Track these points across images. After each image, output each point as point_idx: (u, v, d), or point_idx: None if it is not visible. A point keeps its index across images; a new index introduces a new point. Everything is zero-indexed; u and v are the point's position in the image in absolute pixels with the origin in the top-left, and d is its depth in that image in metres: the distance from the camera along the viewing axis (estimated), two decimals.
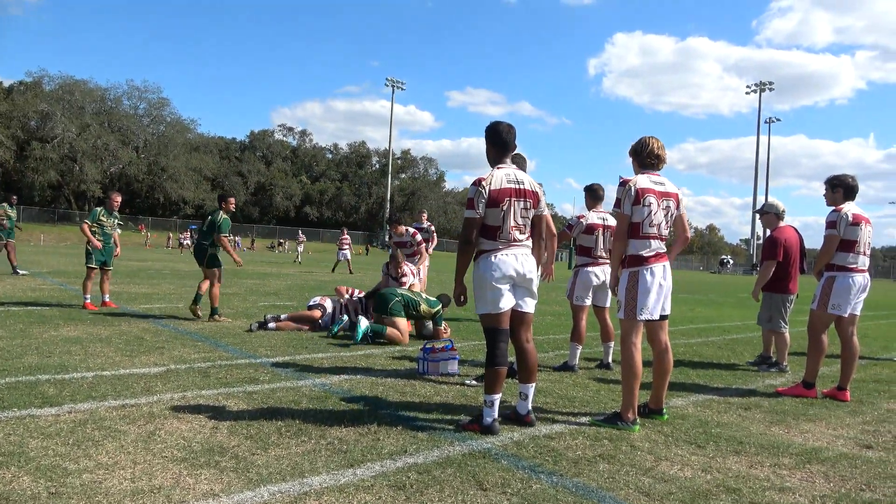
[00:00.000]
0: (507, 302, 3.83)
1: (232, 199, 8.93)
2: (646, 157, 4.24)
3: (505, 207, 3.83)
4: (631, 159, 4.38)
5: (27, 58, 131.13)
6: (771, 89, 70.33)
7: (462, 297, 3.93)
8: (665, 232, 4.22)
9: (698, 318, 11.93)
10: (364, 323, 6.82)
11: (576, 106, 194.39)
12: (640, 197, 4.08)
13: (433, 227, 12.38)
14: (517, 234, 3.89)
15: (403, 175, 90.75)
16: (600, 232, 5.96)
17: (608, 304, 6.16)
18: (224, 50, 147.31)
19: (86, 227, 9.28)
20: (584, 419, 4.21)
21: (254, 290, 13.23)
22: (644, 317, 4.09)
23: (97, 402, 4.04)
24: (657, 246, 4.14)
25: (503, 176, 3.89)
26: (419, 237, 9.43)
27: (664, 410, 4.36)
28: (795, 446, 3.83)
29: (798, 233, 6.70)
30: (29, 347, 5.72)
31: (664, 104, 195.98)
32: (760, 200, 69.80)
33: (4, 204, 14.90)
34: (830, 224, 5.23)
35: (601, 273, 5.95)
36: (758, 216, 6.82)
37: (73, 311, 8.38)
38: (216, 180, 74.57)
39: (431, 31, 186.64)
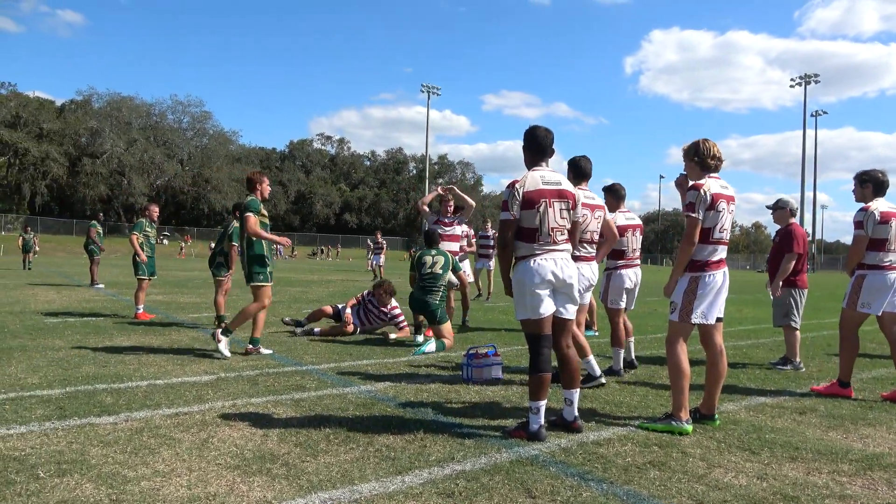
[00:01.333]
0: (547, 307, 3.78)
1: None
2: (710, 159, 4.17)
3: (541, 209, 3.77)
4: (686, 162, 4.28)
5: (77, 77, 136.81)
6: (816, 81, 68.04)
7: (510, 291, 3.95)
8: (728, 236, 4.19)
9: (747, 319, 11.62)
10: (431, 346, 6.86)
11: (613, 105, 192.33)
12: (714, 202, 4.03)
13: (495, 234, 12.75)
14: (557, 237, 3.84)
15: (441, 180, 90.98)
16: (630, 233, 5.90)
17: (632, 307, 6.19)
18: (263, 63, 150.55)
19: (135, 238, 9.60)
20: (632, 425, 4.15)
21: (298, 298, 13.45)
22: (697, 320, 4.05)
23: (152, 410, 4.16)
24: (721, 251, 4.13)
25: (538, 177, 3.84)
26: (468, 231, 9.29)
27: (716, 416, 4.26)
28: (855, 452, 3.70)
29: (805, 231, 6.69)
30: (86, 357, 5.93)
31: (704, 100, 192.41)
32: (808, 196, 67.75)
33: (94, 222, 15.70)
34: (858, 224, 5.15)
35: (633, 275, 5.92)
36: (770, 211, 6.76)
37: (126, 322, 8.66)
38: None
39: (465, 35, 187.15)
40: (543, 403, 3.77)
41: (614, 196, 6.01)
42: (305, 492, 2.88)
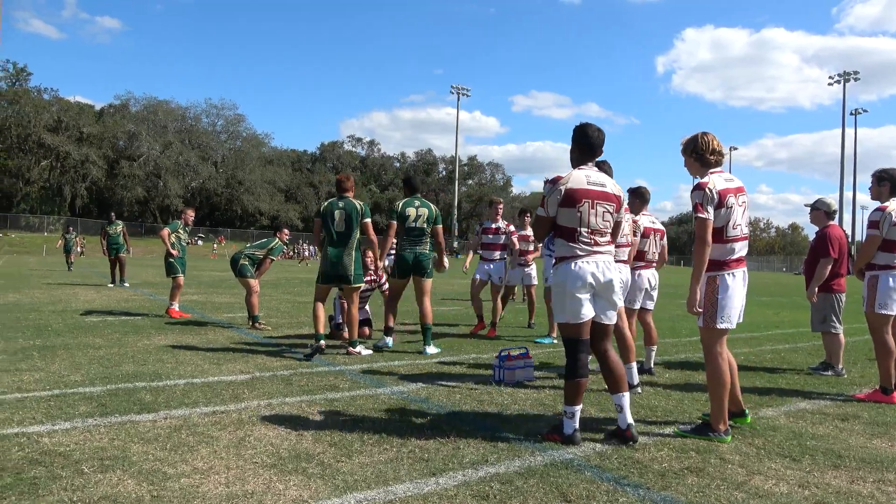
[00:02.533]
0: (587, 311, 3.71)
1: (286, 231, 9.70)
2: (709, 154, 4.01)
3: (583, 209, 3.70)
4: (685, 158, 4.14)
5: (115, 82, 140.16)
6: (856, 79, 66.46)
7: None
8: (746, 230, 4.03)
9: (784, 323, 11.37)
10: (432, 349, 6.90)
11: (644, 105, 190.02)
12: (722, 199, 3.89)
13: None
14: (598, 239, 3.75)
15: (470, 181, 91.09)
16: (652, 236, 5.90)
17: (652, 308, 6.14)
18: (294, 66, 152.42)
19: (166, 232, 9.83)
20: (668, 430, 4.09)
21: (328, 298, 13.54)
22: (724, 325, 3.88)
23: (190, 408, 4.24)
24: (740, 248, 3.97)
25: (583, 177, 3.76)
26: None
27: (746, 412, 4.18)
28: None
29: (844, 232, 6.51)
30: (125, 356, 6.07)
31: (738, 99, 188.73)
32: (847, 196, 66.03)
33: (118, 221, 16.20)
34: (873, 224, 5.06)
35: (653, 277, 5.94)
36: (808, 210, 6.54)
37: (163, 321, 8.84)
38: (289, 192, 77.17)
39: (494, 36, 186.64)
40: (578, 408, 3.73)
41: (641, 199, 5.99)
42: (341, 491, 2.90)
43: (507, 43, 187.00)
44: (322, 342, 6.27)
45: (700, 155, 4.03)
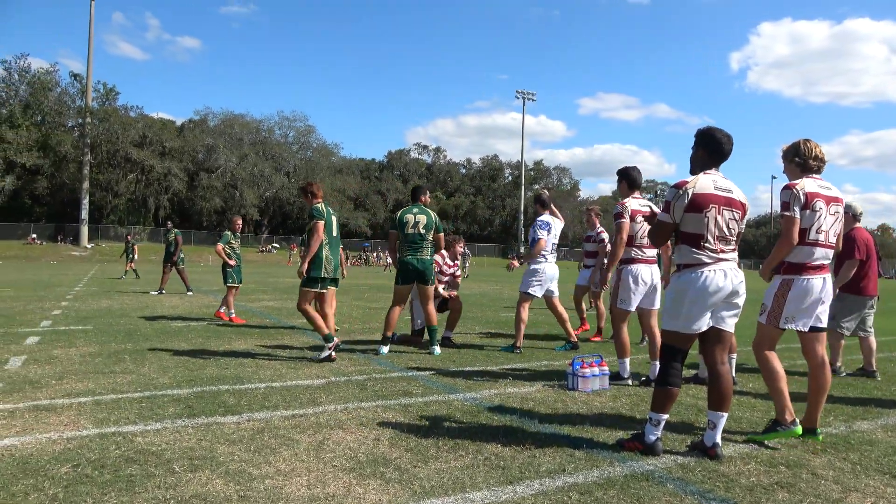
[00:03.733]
0: (701, 324, 3.61)
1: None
2: (811, 160, 4.00)
3: (710, 214, 3.58)
4: (785, 164, 4.13)
5: (194, 98, 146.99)
6: None
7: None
8: (833, 240, 3.97)
9: (880, 330, 10.67)
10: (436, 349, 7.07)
11: (718, 103, 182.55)
12: (809, 201, 3.87)
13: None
14: (723, 246, 3.64)
15: (537, 186, 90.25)
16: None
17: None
18: (361, 77, 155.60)
19: (220, 247, 10.13)
20: (755, 442, 3.91)
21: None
22: (786, 325, 3.89)
23: (271, 411, 4.38)
24: (821, 255, 3.91)
25: (710, 182, 3.65)
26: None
27: (818, 431, 3.99)
28: None
29: (872, 236, 6.43)
30: (209, 360, 6.34)
31: (819, 95, 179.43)
32: None
33: (174, 229, 16.48)
34: None
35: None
36: None
37: (243, 327, 9.18)
38: (358, 199, 78.80)
39: (559, 39, 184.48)
40: (665, 417, 3.63)
41: None
42: (419, 497, 2.93)
43: (572, 45, 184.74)
44: (333, 345, 6.43)
45: (803, 160, 4.03)
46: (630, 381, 5.58)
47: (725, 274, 3.60)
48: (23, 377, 5.31)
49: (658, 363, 5.34)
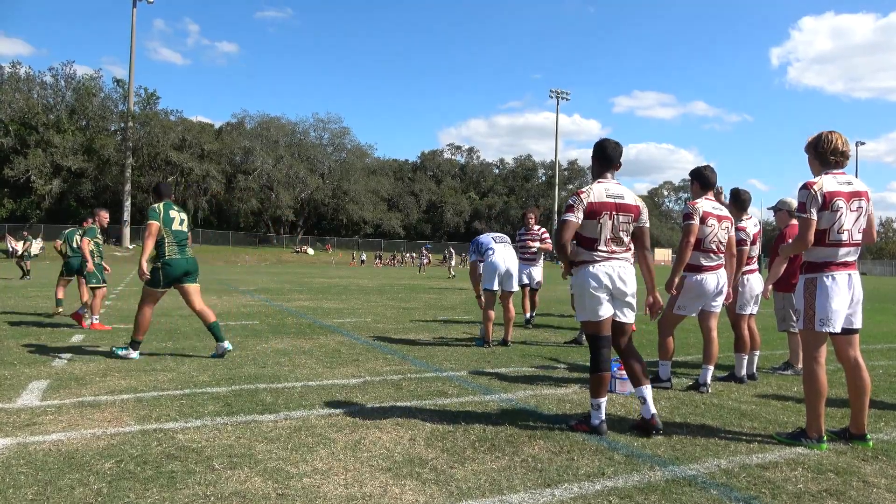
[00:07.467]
0: (605, 311, 4.02)
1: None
2: (829, 154, 3.87)
3: (602, 220, 3.96)
4: (808, 157, 4.02)
5: (232, 101, 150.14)
6: None
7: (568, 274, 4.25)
8: (858, 236, 3.84)
9: None
10: None
11: (758, 100, 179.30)
12: (828, 201, 3.75)
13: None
14: (614, 247, 4.03)
15: (571, 186, 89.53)
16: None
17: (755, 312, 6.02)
18: (394, 79, 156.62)
19: (87, 242, 9.00)
20: (799, 448, 3.78)
21: (432, 305, 13.75)
22: (823, 328, 3.75)
23: (307, 410, 4.41)
24: (844, 253, 3.79)
25: (603, 190, 4.04)
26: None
27: (868, 436, 3.85)
28: None
29: None
30: (247, 359, 6.42)
31: (864, 90, 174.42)
32: None
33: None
34: None
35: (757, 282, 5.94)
36: (772, 213, 6.39)
37: (279, 326, 9.29)
38: (391, 200, 79.28)
39: (593, 37, 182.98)
40: (604, 400, 4.00)
41: (739, 204, 5.92)
42: (456, 499, 2.90)
43: (607, 43, 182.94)
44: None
45: (821, 154, 3.91)
46: (670, 385, 5.46)
47: (612, 268, 4.00)
48: (69, 374, 5.45)
49: (666, 364, 5.53)
